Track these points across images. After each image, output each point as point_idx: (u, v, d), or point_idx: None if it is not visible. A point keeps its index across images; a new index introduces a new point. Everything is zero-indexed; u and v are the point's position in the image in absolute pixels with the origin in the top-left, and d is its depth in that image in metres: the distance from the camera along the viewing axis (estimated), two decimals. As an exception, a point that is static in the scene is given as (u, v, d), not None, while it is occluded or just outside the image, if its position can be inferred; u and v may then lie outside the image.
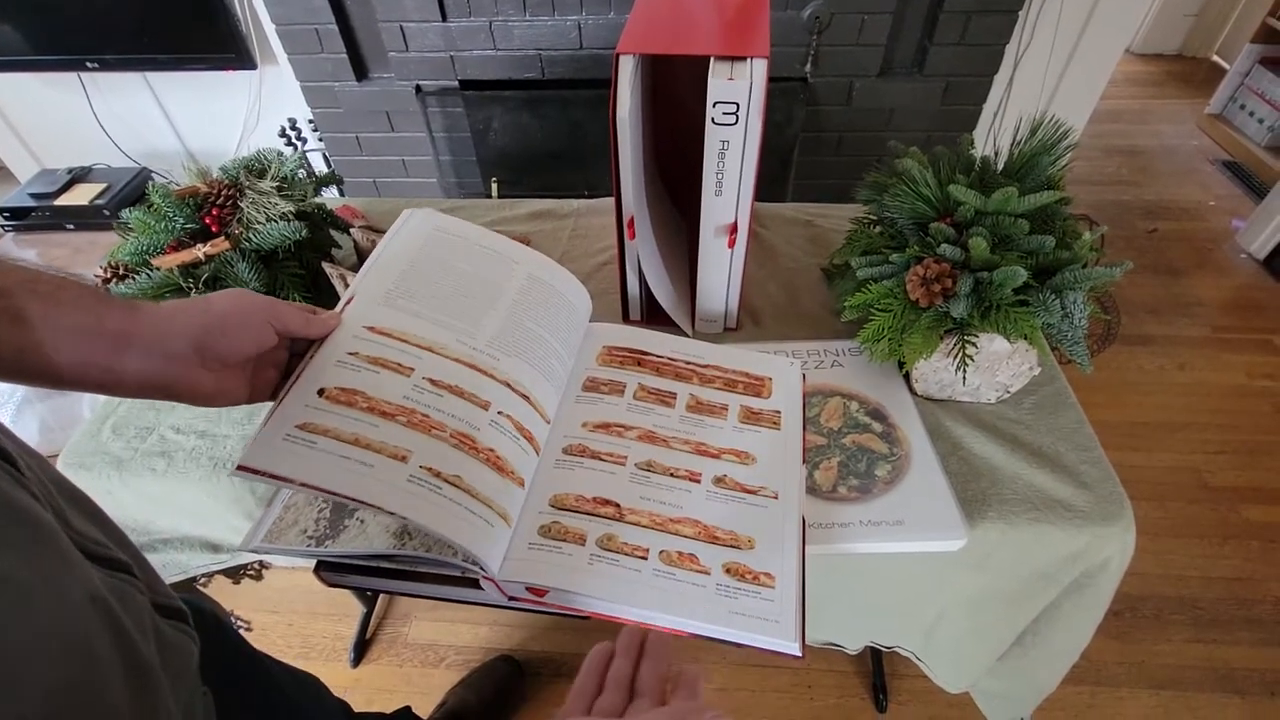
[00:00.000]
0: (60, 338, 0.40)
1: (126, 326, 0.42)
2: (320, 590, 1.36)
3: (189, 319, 0.45)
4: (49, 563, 0.28)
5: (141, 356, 0.42)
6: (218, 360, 0.46)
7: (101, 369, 0.41)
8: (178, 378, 0.44)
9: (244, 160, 0.83)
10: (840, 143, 1.80)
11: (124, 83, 1.92)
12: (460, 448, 0.50)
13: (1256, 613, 1.30)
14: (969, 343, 0.64)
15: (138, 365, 0.42)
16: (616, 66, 0.60)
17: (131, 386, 0.43)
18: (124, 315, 0.42)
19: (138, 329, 0.42)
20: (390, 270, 0.59)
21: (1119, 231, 2.24)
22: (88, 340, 0.41)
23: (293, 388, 0.49)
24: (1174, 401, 1.69)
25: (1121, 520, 0.62)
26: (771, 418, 0.62)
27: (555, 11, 1.58)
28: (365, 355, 0.52)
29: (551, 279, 0.65)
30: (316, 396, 0.49)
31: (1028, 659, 0.75)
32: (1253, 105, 2.54)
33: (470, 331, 0.57)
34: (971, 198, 0.64)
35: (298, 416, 0.48)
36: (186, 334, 0.44)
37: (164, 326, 0.43)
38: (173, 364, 0.44)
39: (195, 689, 0.40)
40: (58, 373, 0.40)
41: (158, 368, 0.43)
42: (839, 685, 1.22)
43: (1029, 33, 1.63)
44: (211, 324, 0.45)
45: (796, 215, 1.01)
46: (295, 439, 0.46)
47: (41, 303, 0.39)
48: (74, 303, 0.41)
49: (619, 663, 0.43)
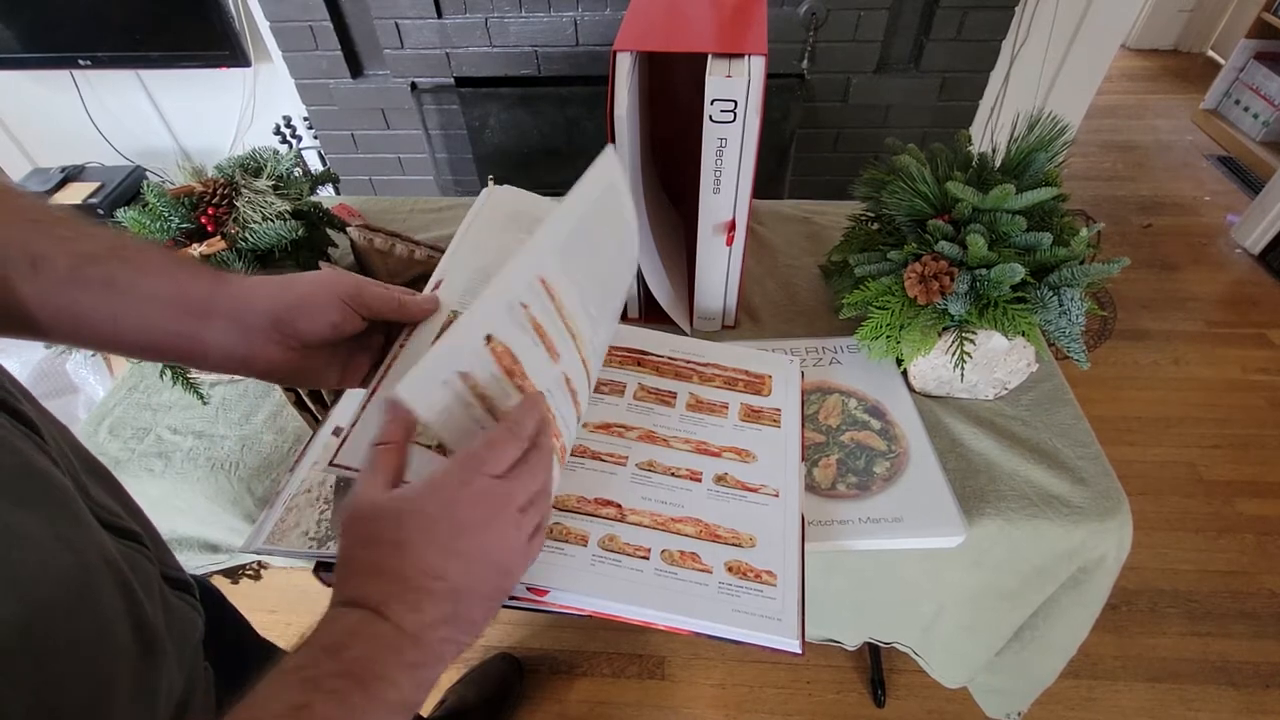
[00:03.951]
0: (148, 305, 0.39)
1: (209, 295, 0.41)
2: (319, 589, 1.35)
3: (268, 294, 0.43)
4: (65, 523, 0.28)
5: (222, 327, 0.41)
6: (297, 339, 0.44)
7: (187, 338, 0.41)
8: (256, 352, 0.43)
9: (239, 159, 0.83)
10: (838, 139, 1.80)
11: (117, 80, 1.91)
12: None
13: (1251, 606, 1.31)
14: (967, 340, 0.64)
15: (219, 336, 0.41)
16: (614, 64, 0.59)
17: (215, 358, 0.42)
18: (208, 284, 0.41)
19: (221, 299, 0.41)
20: (568, 219, 0.47)
21: (1114, 227, 2.25)
22: (173, 309, 0.40)
23: (383, 380, 0.46)
24: (1169, 396, 1.70)
25: (1118, 516, 0.62)
26: (772, 415, 0.62)
27: (551, 8, 1.57)
28: (533, 317, 0.43)
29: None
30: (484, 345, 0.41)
31: (1025, 654, 0.75)
32: (1248, 100, 2.55)
33: (594, 327, 0.51)
34: (969, 195, 0.64)
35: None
36: (265, 309, 0.42)
37: (244, 300, 0.42)
38: (251, 338, 0.42)
39: (197, 660, 0.40)
40: (146, 341, 0.40)
41: (236, 340, 0.42)
42: (838, 680, 1.23)
43: (1025, 28, 1.63)
44: (291, 301, 0.43)
45: (794, 212, 1.01)
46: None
47: (130, 269, 0.39)
48: (160, 269, 0.40)
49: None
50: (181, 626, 0.37)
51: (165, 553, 0.40)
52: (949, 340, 0.65)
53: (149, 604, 0.32)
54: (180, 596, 0.38)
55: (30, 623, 0.24)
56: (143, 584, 0.33)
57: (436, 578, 0.33)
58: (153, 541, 0.38)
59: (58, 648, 0.25)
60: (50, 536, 0.27)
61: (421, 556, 0.33)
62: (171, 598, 0.37)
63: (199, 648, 0.40)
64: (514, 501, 0.36)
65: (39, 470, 0.29)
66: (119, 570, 0.31)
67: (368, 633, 0.31)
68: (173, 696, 0.34)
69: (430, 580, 0.33)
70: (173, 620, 0.36)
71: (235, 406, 0.75)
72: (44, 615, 0.25)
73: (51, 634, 0.25)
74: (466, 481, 0.35)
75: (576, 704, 1.22)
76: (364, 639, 0.31)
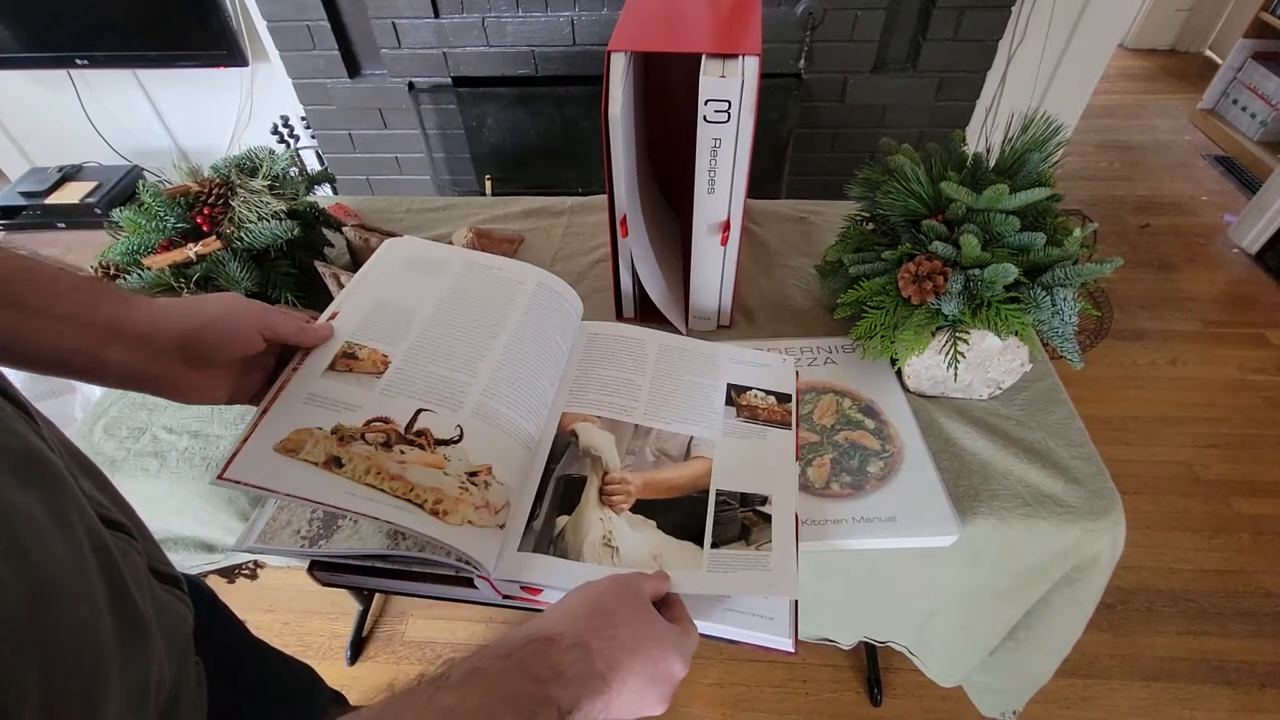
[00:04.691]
0: (52, 326, 0.41)
1: (117, 318, 0.43)
2: (316, 589, 1.36)
3: (179, 317, 0.45)
4: (62, 508, 0.29)
5: (127, 349, 0.43)
6: (201, 360, 0.47)
7: (87, 357, 0.42)
8: (160, 373, 0.45)
9: (235, 158, 0.83)
10: (835, 139, 1.80)
11: (114, 80, 1.91)
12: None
13: (1247, 605, 1.31)
14: (960, 339, 0.64)
15: (122, 357, 0.43)
16: (608, 64, 0.60)
17: (114, 376, 0.44)
18: (116, 307, 0.44)
19: (128, 322, 0.44)
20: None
21: (1111, 227, 2.25)
22: (78, 329, 0.42)
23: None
24: (1166, 396, 1.70)
25: (1112, 515, 0.62)
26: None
27: (548, 8, 1.57)
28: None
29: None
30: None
31: (1020, 653, 0.75)
32: (1245, 100, 2.55)
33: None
34: (963, 195, 0.65)
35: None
36: (174, 332, 0.45)
37: (153, 322, 0.44)
38: (157, 360, 0.45)
39: (188, 654, 0.41)
40: (45, 358, 0.41)
41: (141, 361, 0.44)
42: (834, 680, 1.23)
43: (1022, 28, 1.63)
44: (201, 325, 0.46)
45: (790, 212, 1.02)
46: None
47: (38, 291, 0.40)
48: (69, 294, 0.42)
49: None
50: (170, 619, 0.38)
51: (153, 547, 0.41)
52: (943, 340, 0.65)
53: (139, 594, 0.33)
54: (168, 590, 0.39)
55: (37, 598, 0.25)
56: (133, 574, 0.33)
57: (619, 682, 0.38)
58: (141, 535, 0.38)
59: (60, 625, 0.25)
60: (49, 519, 0.27)
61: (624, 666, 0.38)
62: (160, 591, 0.37)
63: (189, 642, 0.41)
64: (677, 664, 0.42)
65: (38, 454, 0.29)
66: (111, 558, 0.31)
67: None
68: (163, 687, 0.34)
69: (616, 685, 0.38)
70: (162, 612, 0.36)
71: (231, 406, 0.75)
72: (46, 593, 0.25)
73: (53, 611, 0.25)
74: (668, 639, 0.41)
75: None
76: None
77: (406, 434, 0.51)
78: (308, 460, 0.47)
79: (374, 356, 0.55)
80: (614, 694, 0.37)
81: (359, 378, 0.53)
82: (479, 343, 0.59)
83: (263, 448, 0.47)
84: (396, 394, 0.53)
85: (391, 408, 0.52)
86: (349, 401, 0.51)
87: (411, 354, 0.56)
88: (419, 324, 0.59)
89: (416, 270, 0.64)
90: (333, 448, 0.48)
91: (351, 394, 0.52)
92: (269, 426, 0.48)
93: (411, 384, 0.54)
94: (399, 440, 0.50)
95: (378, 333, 0.57)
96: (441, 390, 0.54)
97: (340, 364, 0.54)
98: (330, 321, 0.56)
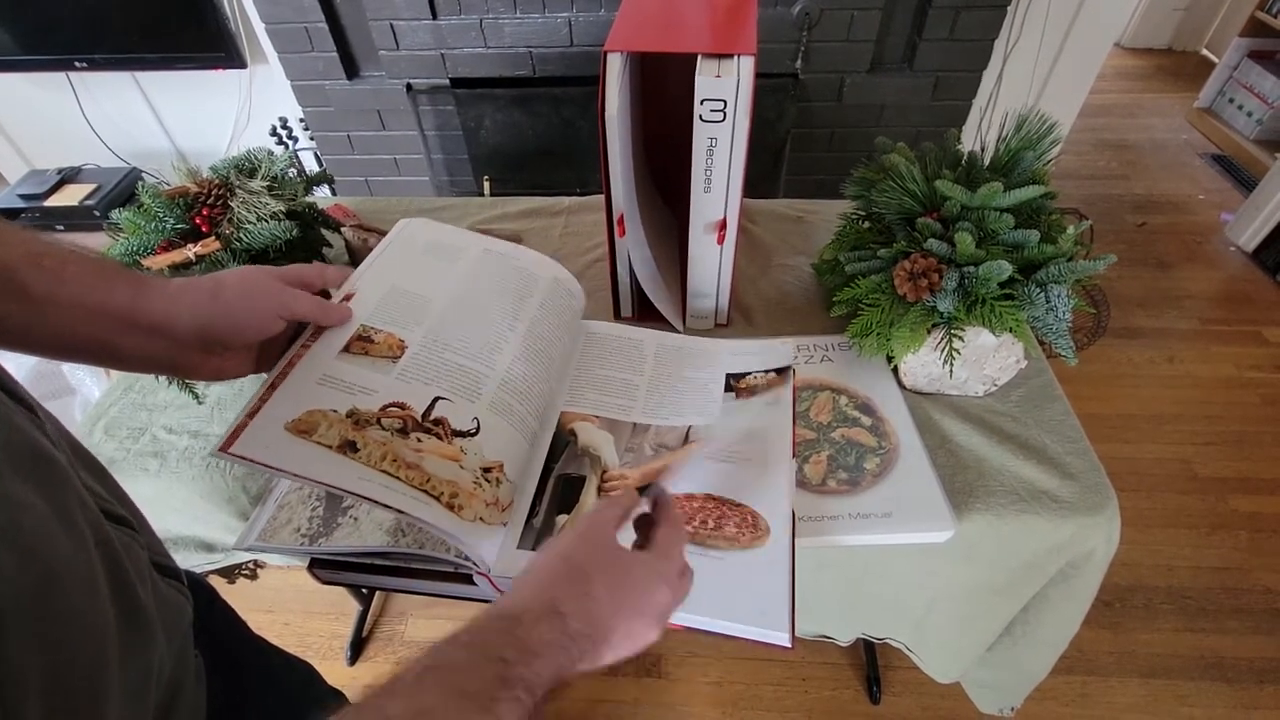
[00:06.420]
0: (64, 314, 0.40)
1: (131, 307, 0.42)
2: (316, 589, 1.36)
3: (195, 301, 0.44)
4: (65, 501, 0.29)
5: (143, 338, 0.43)
6: (220, 345, 0.46)
7: (103, 344, 0.42)
8: (178, 360, 0.45)
9: (234, 160, 0.83)
10: (832, 138, 1.81)
11: (113, 82, 1.91)
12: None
13: (1245, 602, 1.31)
14: (955, 336, 0.65)
15: (139, 344, 0.43)
16: (605, 64, 0.60)
17: (133, 363, 0.44)
18: (130, 294, 0.42)
19: (142, 312, 0.42)
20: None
21: (1108, 225, 2.25)
22: (91, 317, 0.41)
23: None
24: (1163, 394, 1.71)
25: (1106, 510, 0.63)
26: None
27: (546, 9, 1.58)
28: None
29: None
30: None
31: (1017, 649, 0.75)
32: (1241, 99, 2.56)
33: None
34: (957, 193, 0.65)
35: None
36: (190, 323, 0.44)
37: (168, 313, 0.43)
38: (174, 348, 0.44)
39: (187, 646, 0.41)
40: (60, 344, 0.41)
41: (158, 350, 0.44)
42: (833, 677, 1.23)
43: (1018, 28, 1.64)
44: (217, 314, 0.45)
45: (787, 211, 1.02)
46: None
47: (46, 278, 0.39)
48: (78, 279, 0.41)
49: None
50: (171, 611, 0.38)
51: (154, 540, 0.41)
52: (938, 337, 0.66)
53: (140, 586, 0.33)
54: (169, 583, 0.39)
55: (41, 590, 0.25)
56: (135, 567, 0.33)
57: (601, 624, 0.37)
58: (142, 528, 0.39)
59: (63, 617, 0.26)
60: (52, 513, 0.28)
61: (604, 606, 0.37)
62: (161, 583, 0.38)
63: (189, 634, 0.41)
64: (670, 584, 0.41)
65: (40, 448, 0.29)
66: (114, 551, 0.31)
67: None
68: (163, 678, 0.35)
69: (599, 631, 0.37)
70: (162, 604, 0.36)
71: (231, 406, 0.76)
72: (50, 586, 0.26)
73: (57, 603, 0.26)
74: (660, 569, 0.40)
75: (573, 702, 1.22)
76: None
77: (424, 421, 0.49)
78: (321, 443, 0.46)
79: (390, 340, 0.54)
80: (602, 645, 0.36)
81: (374, 361, 0.52)
82: (496, 334, 0.58)
83: (273, 425, 0.46)
84: (412, 380, 0.52)
85: (407, 394, 0.51)
86: (365, 385, 0.50)
87: (429, 340, 0.55)
88: (435, 310, 0.58)
89: (432, 254, 0.63)
90: (348, 431, 0.47)
91: (367, 377, 0.51)
92: (279, 403, 0.47)
93: (428, 371, 0.53)
94: (416, 427, 0.49)
95: (394, 316, 0.56)
96: (459, 380, 0.53)
97: (355, 346, 0.52)
98: (349, 304, 0.55)
